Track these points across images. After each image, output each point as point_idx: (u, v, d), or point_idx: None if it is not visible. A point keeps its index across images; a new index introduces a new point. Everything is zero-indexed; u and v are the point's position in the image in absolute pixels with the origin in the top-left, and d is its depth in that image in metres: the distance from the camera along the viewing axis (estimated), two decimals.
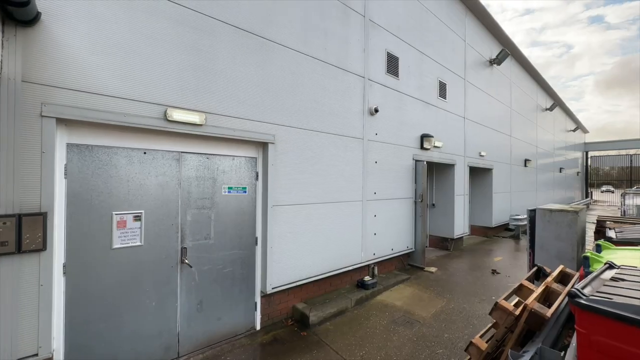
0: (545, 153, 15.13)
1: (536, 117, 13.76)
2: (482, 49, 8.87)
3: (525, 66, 12.15)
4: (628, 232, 3.53)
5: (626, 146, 27.09)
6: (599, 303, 1.43)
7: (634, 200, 6.95)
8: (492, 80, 9.47)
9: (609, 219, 4.77)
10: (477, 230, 9.55)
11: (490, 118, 9.34)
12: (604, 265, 2.18)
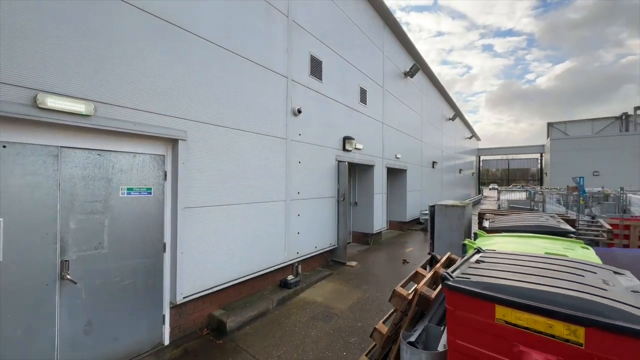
0: (448, 156, 17.73)
1: (442, 125, 16.00)
2: (398, 61, 9.87)
3: (433, 80, 13.99)
4: (498, 222, 4.38)
5: (506, 152, 33.67)
6: (460, 283, 1.72)
7: (506, 196, 8.78)
8: (406, 90, 10.62)
9: (487, 212, 5.84)
10: (394, 225, 10.58)
11: (405, 124, 10.46)
12: (474, 250, 2.65)
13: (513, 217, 4.67)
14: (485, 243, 3.18)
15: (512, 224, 3.92)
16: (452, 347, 1.75)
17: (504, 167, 38.63)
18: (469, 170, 26.36)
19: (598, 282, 1.64)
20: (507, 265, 2.01)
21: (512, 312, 1.50)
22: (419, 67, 10.39)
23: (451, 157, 18.60)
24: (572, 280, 1.66)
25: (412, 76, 10.42)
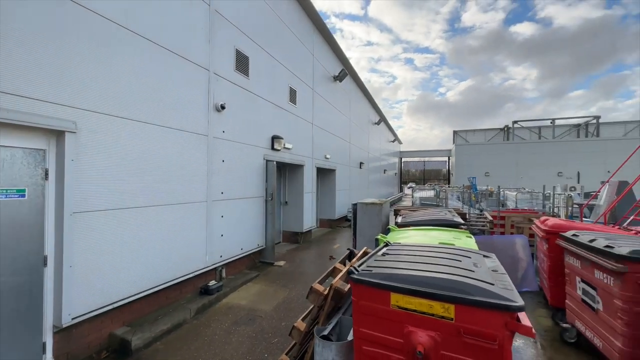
0: (374, 158, 19.22)
1: (368, 128, 17.24)
2: (328, 65, 10.24)
3: (361, 86, 14.96)
4: (408, 217, 4.92)
5: (422, 155, 38.09)
6: (363, 275, 1.87)
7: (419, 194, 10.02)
8: (336, 94, 11.11)
9: (402, 208, 6.54)
10: (324, 223, 10.96)
11: (334, 126, 10.93)
12: (383, 244, 2.91)
13: (421, 212, 5.32)
14: (395, 237, 3.53)
15: (419, 219, 4.45)
16: (357, 335, 1.89)
17: (421, 168, 43.79)
18: (392, 170, 29.05)
19: (470, 265, 1.98)
20: (406, 256, 2.26)
21: (403, 298, 1.69)
22: (347, 73, 10.97)
23: (377, 159, 20.20)
24: (452, 265, 1.96)
25: (341, 80, 10.95)
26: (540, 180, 18.78)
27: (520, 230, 6.39)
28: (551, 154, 24.49)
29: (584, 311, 3.09)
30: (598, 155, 22.11)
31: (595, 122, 25.56)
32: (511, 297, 1.49)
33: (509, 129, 28.54)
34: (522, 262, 5.26)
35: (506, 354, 1.45)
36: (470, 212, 6.34)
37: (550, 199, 6.94)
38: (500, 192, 8.03)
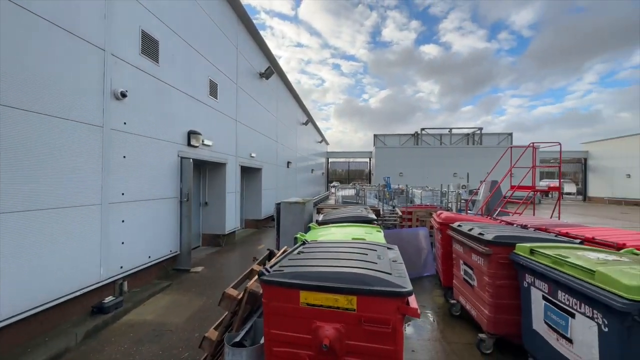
0: (302, 157, 19.54)
1: (296, 128, 17.42)
2: (254, 61, 9.93)
3: (289, 86, 15.00)
4: (329, 215, 5.15)
5: (348, 156, 40.44)
6: (274, 276, 1.86)
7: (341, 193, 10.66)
8: (262, 91, 10.86)
9: (324, 206, 6.81)
10: (249, 223, 10.61)
11: (260, 124, 10.68)
12: (300, 242, 2.96)
13: (341, 210, 5.62)
14: (314, 234, 3.63)
15: (338, 216, 4.68)
16: (268, 337, 1.85)
17: (346, 168, 46.48)
18: (319, 170, 30.06)
19: (374, 258, 2.15)
20: (320, 253, 2.34)
21: (312, 295, 1.73)
22: (273, 70, 10.85)
23: (305, 158, 20.59)
24: (359, 259, 2.10)
25: (268, 78, 10.76)
26: (441, 180, 22.05)
27: (423, 223, 7.36)
28: (449, 157, 29.06)
29: (465, 288, 3.73)
30: (481, 159, 27.16)
31: (479, 132, 31.40)
32: (403, 283, 1.68)
33: (418, 135, 32.71)
34: (424, 251, 6.05)
35: (398, 335, 1.62)
36: (383, 208, 7.01)
37: (445, 196, 8.24)
38: (409, 191, 9.08)
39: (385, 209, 7.32)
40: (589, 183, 29.67)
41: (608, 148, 27.83)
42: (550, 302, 2.39)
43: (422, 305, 4.37)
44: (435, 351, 3.20)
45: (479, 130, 31.42)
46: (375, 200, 9.61)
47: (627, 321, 1.72)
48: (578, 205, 23.94)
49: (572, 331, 2.15)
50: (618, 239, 2.98)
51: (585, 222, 13.49)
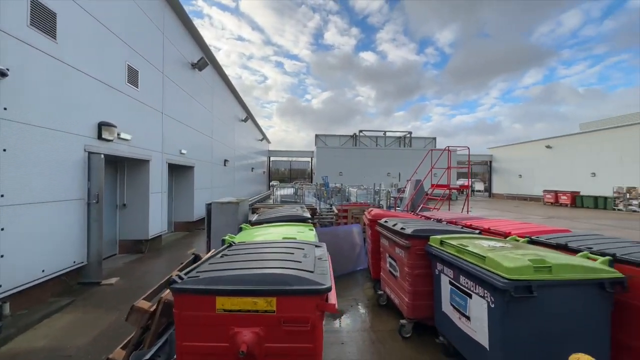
0: (241, 156, 18.78)
1: (234, 125, 16.65)
2: (184, 50, 9.13)
3: (226, 80, 14.23)
4: (263, 214, 5.02)
5: (290, 155, 40.29)
6: (187, 284, 1.70)
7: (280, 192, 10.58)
8: (195, 83, 10.07)
9: (261, 206, 6.64)
10: (180, 226, 9.75)
11: (193, 118, 9.89)
12: (226, 245, 2.80)
13: (277, 209, 5.54)
14: (245, 235, 3.48)
15: (273, 216, 4.60)
16: (181, 350, 1.69)
17: (288, 167, 46.34)
18: (261, 169, 29.33)
19: (300, 257, 2.14)
20: (245, 255, 2.23)
21: (229, 300, 1.63)
22: (207, 62, 10.15)
23: (244, 157, 19.84)
24: (284, 259, 2.07)
25: (201, 69, 10.02)
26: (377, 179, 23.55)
27: (357, 220, 7.75)
28: (383, 158, 31.30)
29: (390, 279, 4.02)
30: (410, 160, 29.88)
31: (409, 136, 34.56)
32: (322, 281, 1.70)
33: (357, 136, 34.43)
34: (357, 246, 6.36)
35: (317, 332, 1.63)
36: (320, 207, 7.15)
37: (378, 194, 8.85)
38: (345, 189, 9.46)
39: (322, 208, 7.48)
40: (493, 182, 35.20)
41: (505, 153, 33.45)
42: (455, 286, 2.72)
43: (354, 299, 4.58)
44: (362, 341, 3.37)
45: (409, 134, 34.58)
46: (314, 199, 9.77)
47: (506, 297, 2.05)
48: (485, 201, 28.19)
49: (470, 310, 2.48)
50: (506, 229, 3.56)
51: (490, 215, 15.98)
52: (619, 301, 2.19)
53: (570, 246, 2.70)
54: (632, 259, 2.22)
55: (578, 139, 24.91)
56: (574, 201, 22.00)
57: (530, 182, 28.87)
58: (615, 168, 21.25)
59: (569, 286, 2.09)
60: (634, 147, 20.20)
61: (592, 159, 23.11)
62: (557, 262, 2.13)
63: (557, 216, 16.13)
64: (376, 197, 9.02)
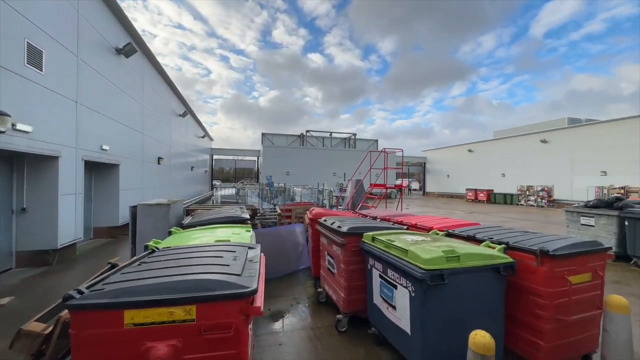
0: (180, 153, 17.36)
1: (171, 120, 15.30)
2: (107, 33, 8.06)
3: (161, 70, 12.99)
4: (198, 216, 4.70)
5: (235, 154, 38.58)
6: (87, 298, 1.49)
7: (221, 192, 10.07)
8: (121, 71, 8.97)
9: (197, 208, 6.21)
10: (102, 232, 8.58)
11: (118, 110, 8.79)
12: (148, 251, 2.55)
13: (215, 211, 5.25)
14: (174, 240, 3.21)
15: (209, 218, 4.33)
16: None
17: (233, 166, 44.40)
18: (202, 168, 27.53)
19: (229, 260, 2.05)
20: (167, 262, 2.05)
21: (140, 312, 1.48)
22: (136, 48, 9.12)
23: (183, 154, 18.38)
24: (211, 263, 1.95)
25: (128, 56, 8.96)
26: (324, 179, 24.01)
27: (301, 219, 7.79)
28: (330, 158, 32.14)
29: (328, 276, 4.13)
30: (355, 161, 31.24)
31: (353, 137, 36.10)
32: (248, 283, 1.65)
33: (304, 136, 34.67)
34: (300, 246, 6.39)
35: (242, 337, 1.58)
36: (262, 207, 7.00)
37: (322, 193, 9.03)
38: (290, 189, 9.45)
39: (265, 208, 7.34)
40: (427, 181, 38.85)
41: (437, 156, 37.25)
42: (384, 279, 2.91)
43: (294, 298, 4.58)
44: (300, 339, 3.39)
45: (354, 136, 36.13)
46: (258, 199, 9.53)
47: (423, 286, 2.26)
48: (420, 199, 30.96)
49: (395, 300, 2.68)
50: (429, 224, 3.94)
51: (423, 211, 17.60)
52: (510, 282, 2.60)
53: (477, 237, 3.10)
54: (520, 246, 2.65)
55: (492, 145, 29.05)
56: (489, 198, 25.54)
57: (456, 182, 32.66)
58: (519, 170, 25.33)
59: (473, 272, 2.41)
60: (532, 152, 24.36)
61: (502, 162, 27.17)
62: (464, 252, 2.43)
63: (476, 211, 18.52)
64: (320, 197, 9.20)
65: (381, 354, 3.07)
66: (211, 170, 35.59)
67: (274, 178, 24.64)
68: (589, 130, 20.81)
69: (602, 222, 6.76)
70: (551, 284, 2.42)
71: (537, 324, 2.48)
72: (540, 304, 2.46)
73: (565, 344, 2.52)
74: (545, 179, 22.69)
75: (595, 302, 2.61)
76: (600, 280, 2.66)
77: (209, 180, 33.91)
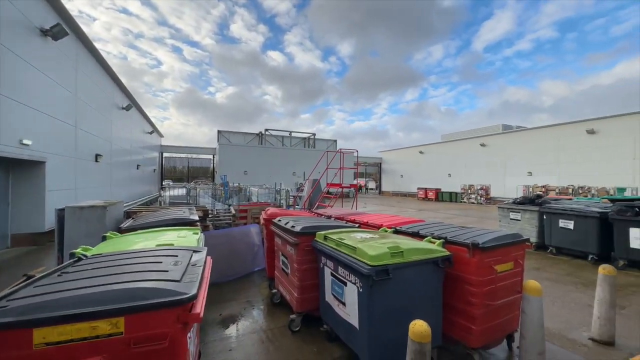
0: (122, 150, 15.80)
1: (112, 113, 13.86)
2: (30, 10, 7.01)
3: (100, 59, 11.69)
4: (140, 219, 4.32)
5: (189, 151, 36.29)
6: None
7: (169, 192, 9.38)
8: (48, 56, 7.87)
9: (140, 209, 5.71)
10: (23, 239, 7.45)
11: (43, 100, 7.70)
12: (72, 260, 2.27)
13: (160, 212, 4.87)
14: (109, 246, 2.91)
15: (152, 220, 4.01)
16: None
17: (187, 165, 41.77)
18: (150, 166, 25.43)
19: (168, 266, 1.91)
20: (96, 270, 1.84)
21: (54, 330, 1.30)
22: (67, 31, 8.08)
23: (126, 152, 16.77)
24: (146, 270, 1.80)
25: (56, 39, 7.89)
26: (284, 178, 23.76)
27: (257, 220, 7.61)
28: (289, 157, 31.94)
29: (282, 276, 4.09)
30: (314, 160, 31.50)
31: (313, 137, 36.35)
32: (187, 289, 1.55)
33: (263, 135, 33.99)
34: (256, 246, 6.24)
35: (179, 347, 1.49)
36: (215, 207, 6.70)
37: (279, 193, 8.93)
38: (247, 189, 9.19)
39: (219, 209, 7.03)
40: (383, 181, 40.67)
41: (391, 156, 39.22)
42: (335, 277, 2.97)
43: (248, 300, 4.47)
44: (252, 343, 3.31)
45: (313, 136, 36.39)
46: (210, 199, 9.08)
47: (370, 281, 2.36)
48: (376, 198, 32.30)
49: (345, 296, 2.75)
50: (380, 222, 4.12)
51: (378, 210, 18.38)
52: (448, 273, 2.83)
53: (421, 233, 3.33)
54: (456, 240, 2.90)
55: (440, 147, 31.47)
56: (437, 196, 27.62)
57: (409, 181, 34.73)
58: (463, 170, 27.82)
59: (415, 266, 2.57)
60: (474, 155, 26.93)
61: (449, 163, 29.58)
62: (407, 247, 2.59)
63: (425, 208, 19.90)
64: (277, 197, 9.08)
65: (333, 350, 3.13)
66: (161, 169, 33.08)
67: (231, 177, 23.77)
68: (518, 136, 23.68)
69: (526, 217, 7.71)
70: (481, 273, 2.69)
71: (469, 310, 2.73)
72: (473, 292, 2.71)
73: (493, 326, 2.82)
74: (484, 179, 25.26)
75: (516, 287, 2.96)
76: (520, 267, 3.02)
77: (159, 180, 31.47)
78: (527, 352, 2.60)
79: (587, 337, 3.41)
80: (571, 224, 6.71)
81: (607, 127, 18.29)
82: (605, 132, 18.35)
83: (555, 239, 7.05)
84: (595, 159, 18.68)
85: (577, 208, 6.78)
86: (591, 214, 6.39)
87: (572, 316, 3.98)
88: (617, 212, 6.03)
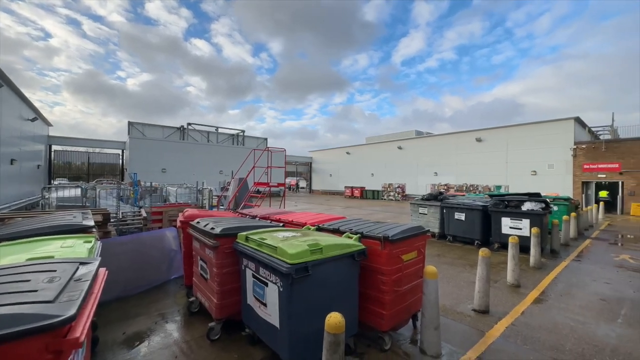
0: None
1: None
2: None
3: None
4: (9, 227, 3.43)
5: (90, 144, 30.67)
6: None
7: (64, 193, 7.71)
8: None
9: (16, 215, 4.55)
10: None
11: None
12: None
13: (40, 218, 3.94)
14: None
15: (27, 229, 3.23)
16: None
17: (87, 160, 35.15)
18: (32, 162, 20.53)
19: (40, 284, 1.56)
20: None
21: None
22: None
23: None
24: (7, 292, 1.44)
25: None
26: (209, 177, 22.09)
27: (174, 223, 6.90)
28: (216, 155, 29.96)
29: (201, 283, 3.79)
30: (243, 158, 30.31)
31: (242, 134, 34.91)
32: (62, 310, 1.29)
33: (185, 129, 31.05)
34: (172, 252, 5.64)
35: None
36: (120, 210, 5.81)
37: (201, 193, 8.26)
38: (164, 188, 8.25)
39: (127, 211, 6.12)
40: (313, 180, 41.72)
41: (321, 156, 40.59)
42: (256, 278, 2.90)
43: (160, 313, 4.01)
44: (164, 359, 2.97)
45: (242, 133, 34.95)
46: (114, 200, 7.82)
47: (290, 279, 2.37)
48: (307, 197, 32.94)
49: (266, 297, 2.71)
50: (304, 220, 4.20)
51: (308, 208, 18.77)
52: (363, 265, 3.06)
53: (341, 229, 3.51)
54: (371, 234, 3.15)
55: (364, 149, 33.99)
56: (362, 194, 29.76)
57: (337, 180, 36.50)
58: (384, 170, 30.65)
59: (334, 261, 2.69)
60: (392, 157, 29.94)
61: (372, 164, 32.20)
62: (326, 244, 2.69)
63: (351, 206, 21.21)
64: (199, 197, 8.38)
65: (254, 353, 3.05)
66: (49, 164, 27.10)
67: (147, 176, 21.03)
68: (427, 141, 27.35)
69: (431, 211, 8.93)
70: (390, 263, 2.98)
71: (381, 297, 3.00)
72: (384, 280, 2.99)
73: (400, 309, 3.16)
74: (401, 178, 28.35)
75: (419, 273, 3.39)
76: (422, 255, 3.47)
77: (45, 178, 25.71)
78: (426, 327, 2.99)
79: (471, 309, 4.14)
80: (463, 215, 8.05)
81: (489, 137, 22.66)
82: (488, 141, 22.71)
83: (452, 229, 8.35)
84: (481, 162, 22.95)
85: (467, 202, 8.17)
86: (476, 207, 7.79)
87: (461, 292, 4.78)
88: (493, 205, 7.51)
